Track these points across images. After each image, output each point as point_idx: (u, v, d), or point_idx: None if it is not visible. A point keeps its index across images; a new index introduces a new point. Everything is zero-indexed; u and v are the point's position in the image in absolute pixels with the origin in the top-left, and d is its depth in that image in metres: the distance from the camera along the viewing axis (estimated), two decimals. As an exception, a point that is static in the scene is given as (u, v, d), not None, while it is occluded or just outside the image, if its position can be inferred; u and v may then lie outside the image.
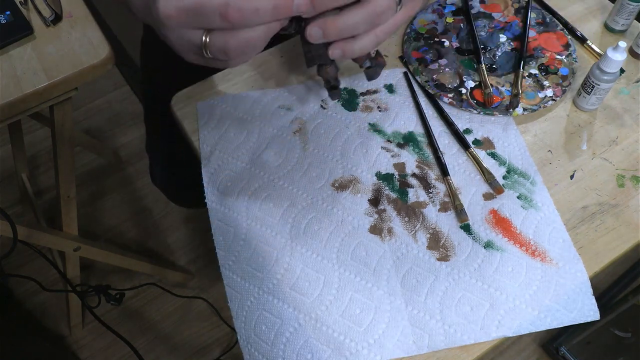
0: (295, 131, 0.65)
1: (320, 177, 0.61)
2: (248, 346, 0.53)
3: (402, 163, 0.62)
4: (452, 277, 0.55)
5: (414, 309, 0.53)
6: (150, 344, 1.36)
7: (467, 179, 0.61)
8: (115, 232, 1.52)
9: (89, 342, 1.36)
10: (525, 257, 0.56)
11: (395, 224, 0.58)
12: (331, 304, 0.54)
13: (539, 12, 0.74)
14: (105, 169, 1.63)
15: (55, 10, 0.70)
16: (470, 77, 0.69)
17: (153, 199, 1.57)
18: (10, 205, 1.55)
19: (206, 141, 0.64)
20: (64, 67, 0.67)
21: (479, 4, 0.76)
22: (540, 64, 0.69)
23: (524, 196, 0.60)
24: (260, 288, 0.55)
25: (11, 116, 0.68)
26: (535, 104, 0.66)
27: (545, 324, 0.53)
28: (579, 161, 0.63)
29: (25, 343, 1.23)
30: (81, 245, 1.05)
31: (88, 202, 1.56)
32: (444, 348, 0.52)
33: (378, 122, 0.66)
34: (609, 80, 0.62)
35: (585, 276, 0.55)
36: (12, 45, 0.68)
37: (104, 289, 1.14)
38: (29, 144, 1.62)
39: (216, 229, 0.59)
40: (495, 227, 0.58)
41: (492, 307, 0.53)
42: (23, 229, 0.91)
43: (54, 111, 0.78)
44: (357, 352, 0.51)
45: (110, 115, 1.74)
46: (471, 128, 0.65)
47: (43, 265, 1.15)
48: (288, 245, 0.57)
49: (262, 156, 0.63)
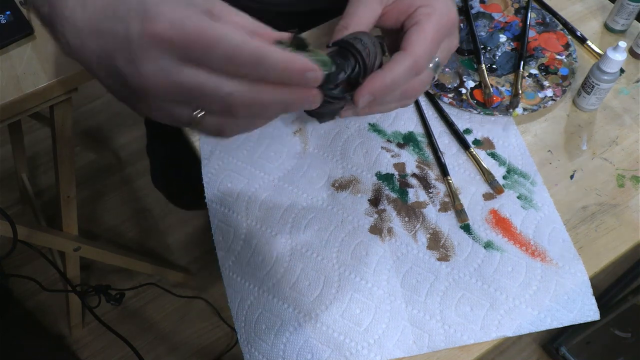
0: (295, 131, 0.65)
1: (320, 177, 0.61)
2: (248, 346, 0.53)
3: (402, 163, 0.62)
4: (452, 277, 0.55)
5: (414, 309, 0.53)
6: (150, 344, 1.36)
7: (467, 179, 0.61)
8: (115, 232, 1.52)
9: (89, 342, 1.36)
10: (525, 257, 0.56)
11: (395, 224, 0.58)
12: (331, 304, 0.54)
13: (539, 12, 0.74)
14: (105, 169, 1.63)
15: (55, 10, 0.70)
16: (470, 77, 0.69)
17: (153, 199, 1.57)
18: (10, 205, 1.55)
19: (206, 141, 0.64)
20: (64, 67, 0.67)
21: (478, 4, 0.76)
22: (540, 64, 0.69)
23: (524, 196, 0.60)
24: (260, 288, 0.55)
25: (11, 116, 0.68)
26: (535, 104, 0.66)
27: (545, 324, 0.53)
28: (579, 161, 0.63)
29: (25, 343, 1.23)
30: (81, 245, 1.05)
31: (88, 202, 1.56)
32: (444, 348, 0.52)
33: (378, 122, 0.66)
34: (609, 80, 0.62)
35: (585, 276, 0.55)
36: (12, 45, 0.68)
37: (104, 289, 1.14)
38: (29, 144, 1.62)
39: (216, 229, 0.59)
40: (495, 227, 0.58)
41: (492, 307, 0.53)
42: (23, 229, 0.91)
43: (54, 111, 0.78)
44: (357, 352, 0.51)
45: (110, 115, 1.74)
46: (471, 128, 0.65)
47: (43, 265, 1.14)
48: (288, 245, 0.57)
49: (262, 156, 0.63)
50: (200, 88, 0.32)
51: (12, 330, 1.34)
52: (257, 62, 0.32)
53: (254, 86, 0.33)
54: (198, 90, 0.32)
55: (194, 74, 0.32)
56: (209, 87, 0.32)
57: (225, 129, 0.36)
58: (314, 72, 0.34)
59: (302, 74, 0.34)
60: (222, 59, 0.31)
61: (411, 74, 0.44)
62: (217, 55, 0.31)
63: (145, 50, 0.31)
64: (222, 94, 0.33)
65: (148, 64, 0.32)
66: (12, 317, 1.39)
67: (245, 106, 0.34)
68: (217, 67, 0.32)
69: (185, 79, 0.32)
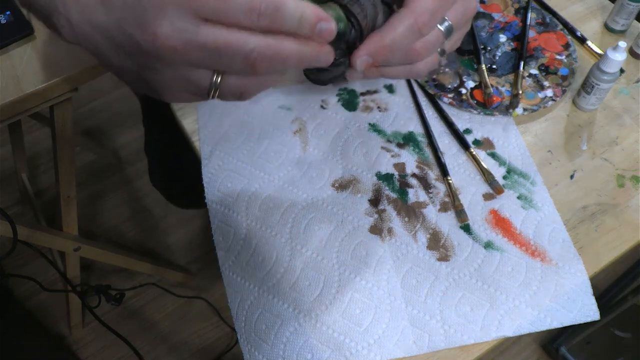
0: (295, 131, 0.65)
1: (320, 177, 0.61)
2: (248, 346, 0.53)
3: (402, 163, 0.62)
4: (452, 277, 0.55)
5: (414, 309, 0.53)
6: (150, 344, 1.36)
7: (467, 179, 0.61)
8: (115, 232, 1.52)
9: (89, 342, 1.36)
10: (525, 257, 0.56)
11: (395, 224, 0.58)
12: (331, 304, 0.54)
13: (539, 12, 0.74)
14: (105, 169, 1.63)
15: (55, 10, 0.70)
16: (470, 77, 0.69)
17: (153, 199, 1.57)
18: (10, 205, 1.55)
19: (206, 141, 0.64)
20: (64, 67, 0.67)
21: (478, 4, 0.76)
22: (540, 64, 0.69)
23: (524, 196, 0.60)
24: (260, 288, 0.55)
25: (11, 116, 0.68)
26: (535, 104, 0.66)
27: (545, 324, 0.53)
28: (579, 161, 0.63)
29: (25, 343, 1.23)
30: (81, 245, 1.05)
31: (88, 202, 1.56)
32: (444, 348, 0.52)
33: (378, 122, 0.66)
34: (609, 81, 0.62)
35: (585, 276, 0.55)
36: (12, 45, 0.68)
37: (104, 289, 1.14)
38: (29, 144, 1.62)
39: (216, 229, 0.59)
40: (495, 227, 0.58)
41: (492, 307, 0.53)
42: (23, 229, 0.91)
43: (54, 111, 0.78)
44: (357, 352, 0.51)
45: (110, 115, 1.74)
46: (471, 128, 0.65)
47: (43, 265, 1.14)
48: (288, 245, 0.57)
49: (262, 156, 0.63)
50: (224, 46, 0.31)
51: (12, 330, 1.34)
52: (275, 11, 0.31)
53: (274, 39, 0.32)
54: (222, 48, 0.31)
55: (215, 31, 0.31)
56: (233, 44, 0.31)
57: (246, 90, 0.35)
58: (328, 24, 0.33)
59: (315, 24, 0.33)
60: (242, 10, 0.30)
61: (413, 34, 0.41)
62: (237, 7, 0.30)
63: (160, 12, 0.30)
64: (245, 50, 0.31)
65: (165, 26, 0.30)
66: (12, 317, 1.39)
67: (267, 61, 0.32)
68: (236, 21, 0.31)
69: (207, 38, 0.31)
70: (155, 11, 0.30)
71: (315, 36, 0.33)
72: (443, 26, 0.43)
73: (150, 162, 1.01)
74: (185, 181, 0.95)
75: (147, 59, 0.32)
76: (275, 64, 0.33)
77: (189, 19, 0.30)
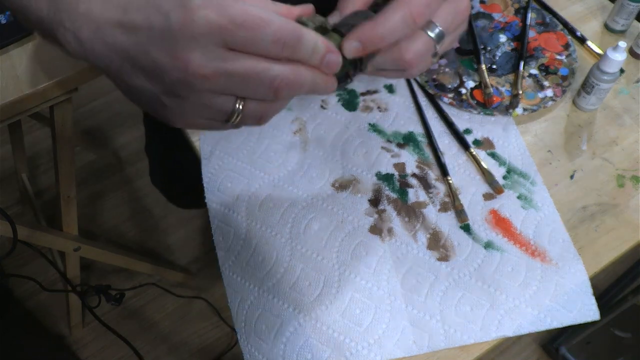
0: (295, 131, 0.65)
1: (320, 177, 0.61)
2: (248, 346, 0.53)
3: (402, 163, 0.62)
4: (452, 277, 0.55)
5: (414, 309, 0.53)
6: (150, 344, 1.36)
7: (467, 179, 0.61)
8: (115, 232, 1.52)
9: (89, 342, 1.36)
10: (525, 257, 0.56)
11: (395, 224, 0.58)
12: (331, 304, 0.54)
13: (539, 12, 0.74)
14: (105, 169, 1.63)
15: (55, 10, 0.70)
16: (470, 77, 0.69)
17: (153, 199, 1.56)
18: (10, 205, 1.55)
19: (206, 141, 0.64)
20: (64, 67, 0.67)
21: (478, 4, 0.76)
22: (540, 64, 0.69)
23: (524, 196, 0.60)
24: (260, 288, 0.55)
25: (11, 116, 0.68)
26: (535, 104, 0.66)
27: (545, 324, 0.53)
28: (579, 161, 0.63)
29: (25, 343, 1.23)
30: (81, 245, 1.05)
31: (88, 202, 1.56)
32: (444, 348, 0.52)
33: (378, 122, 0.66)
34: (609, 81, 0.62)
35: (585, 276, 0.55)
36: (12, 45, 0.68)
37: (104, 289, 1.14)
38: (29, 144, 1.62)
39: (216, 229, 0.59)
40: (495, 227, 0.58)
41: (492, 307, 0.53)
42: (23, 229, 0.91)
43: (54, 111, 0.78)
44: (357, 352, 0.51)
45: (110, 115, 1.73)
46: (471, 128, 0.65)
47: (43, 265, 1.14)
48: (288, 245, 0.57)
49: (262, 156, 0.63)
50: (251, 74, 0.32)
51: (12, 330, 1.34)
52: (297, 41, 0.33)
53: (293, 67, 0.34)
54: (250, 75, 0.32)
55: (242, 60, 0.32)
56: (258, 72, 0.32)
57: (266, 114, 0.36)
58: (336, 56, 0.35)
59: (325, 55, 0.34)
60: (270, 41, 0.32)
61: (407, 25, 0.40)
62: (266, 38, 0.31)
63: (192, 41, 0.30)
64: (269, 78, 0.33)
65: (197, 55, 0.31)
66: (12, 317, 1.39)
67: (288, 87, 0.34)
68: (263, 51, 0.32)
69: (235, 67, 0.32)
70: (186, 40, 0.30)
71: (322, 66, 0.35)
72: (434, 33, 0.42)
73: (151, 162, 1.01)
74: (186, 181, 0.95)
75: (173, 84, 0.32)
76: (293, 90, 0.35)
77: (219, 48, 0.31)
